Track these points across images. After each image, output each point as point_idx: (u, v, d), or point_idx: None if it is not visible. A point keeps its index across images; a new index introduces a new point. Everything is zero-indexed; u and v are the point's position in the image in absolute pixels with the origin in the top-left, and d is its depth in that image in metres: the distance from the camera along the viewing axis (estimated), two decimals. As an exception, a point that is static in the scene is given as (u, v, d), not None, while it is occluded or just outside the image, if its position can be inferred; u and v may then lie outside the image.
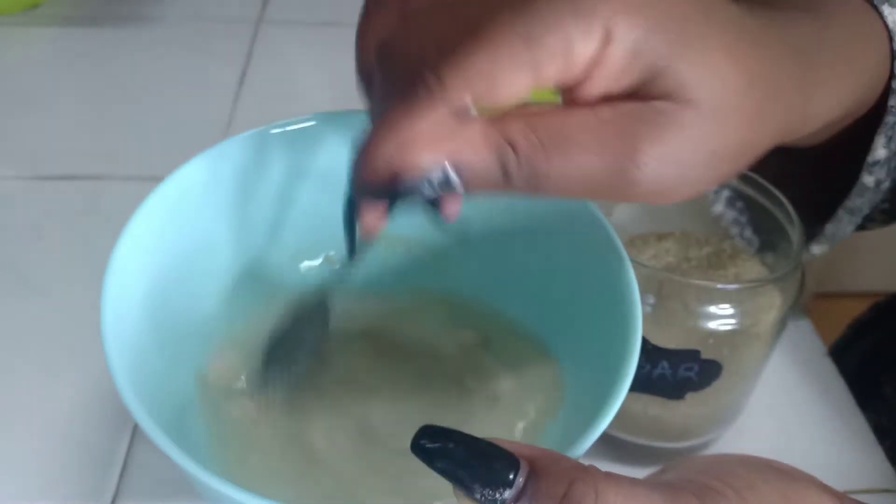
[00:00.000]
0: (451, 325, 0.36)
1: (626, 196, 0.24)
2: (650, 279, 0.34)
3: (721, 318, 0.34)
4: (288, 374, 0.32)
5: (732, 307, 0.34)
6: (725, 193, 0.39)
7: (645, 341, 0.35)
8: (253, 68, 0.64)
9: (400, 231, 0.34)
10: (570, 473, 0.20)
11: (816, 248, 0.37)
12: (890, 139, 0.33)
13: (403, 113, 0.23)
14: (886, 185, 0.35)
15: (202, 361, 0.32)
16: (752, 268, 0.38)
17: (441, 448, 0.21)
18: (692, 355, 0.35)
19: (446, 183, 0.24)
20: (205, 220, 0.32)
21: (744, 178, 0.38)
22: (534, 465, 0.21)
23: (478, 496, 0.20)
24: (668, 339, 0.35)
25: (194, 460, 0.23)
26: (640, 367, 0.35)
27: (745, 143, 0.25)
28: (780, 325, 0.36)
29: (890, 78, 0.32)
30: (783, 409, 0.42)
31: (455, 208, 0.26)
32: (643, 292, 0.34)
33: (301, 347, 0.31)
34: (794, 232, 0.36)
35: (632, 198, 0.24)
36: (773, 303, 0.35)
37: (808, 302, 0.58)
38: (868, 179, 0.34)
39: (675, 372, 0.35)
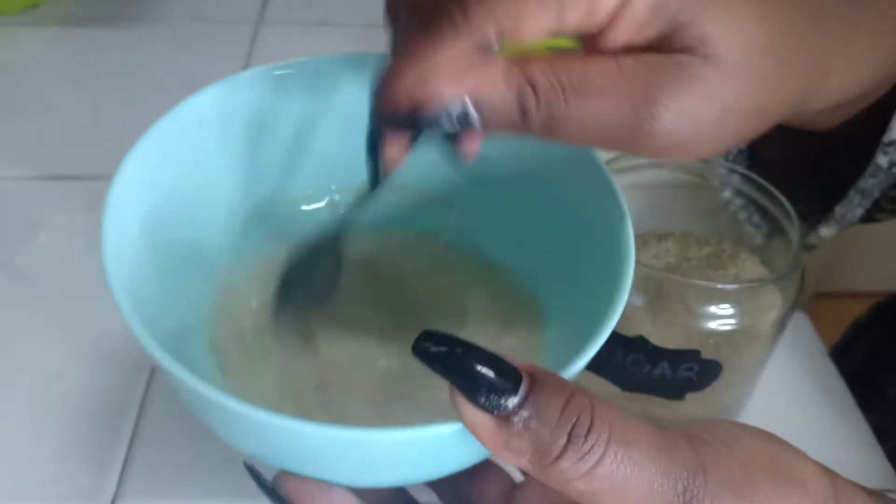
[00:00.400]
0: (445, 266, 0.36)
1: (641, 147, 0.24)
2: (650, 279, 0.34)
3: (721, 318, 0.34)
4: (301, 309, 0.31)
5: (732, 307, 0.34)
6: (735, 179, 0.39)
7: (645, 341, 0.35)
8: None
9: (400, 178, 0.34)
10: (569, 387, 0.21)
11: (825, 230, 0.37)
12: None
13: (427, 44, 0.23)
14: None
15: (204, 294, 0.32)
16: (752, 268, 0.38)
17: (446, 352, 0.21)
18: (692, 355, 0.35)
19: (465, 118, 0.24)
20: (209, 153, 0.31)
21: (744, 177, 0.38)
22: (533, 378, 0.21)
23: (482, 401, 0.21)
24: (668, 339, 0.35)
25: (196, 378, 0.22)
26: (640, 367, 0.36)
27: (761, 105, 0.25)
28: (780, 325, 0.36)
29: None
30: (783, 409, 0.42)
31: (473, 147, 0.26)
32: (643, 292, 0.35)
33: (314, 284, 0.31)
34: (794, 231, 0.36)
35: (646, 150, 0.24)
36: (773, 303, 0.35)
37: (808, 302, 0.58)
38: (882, 160, 0.33)
39: (675, 372, 0.35)
